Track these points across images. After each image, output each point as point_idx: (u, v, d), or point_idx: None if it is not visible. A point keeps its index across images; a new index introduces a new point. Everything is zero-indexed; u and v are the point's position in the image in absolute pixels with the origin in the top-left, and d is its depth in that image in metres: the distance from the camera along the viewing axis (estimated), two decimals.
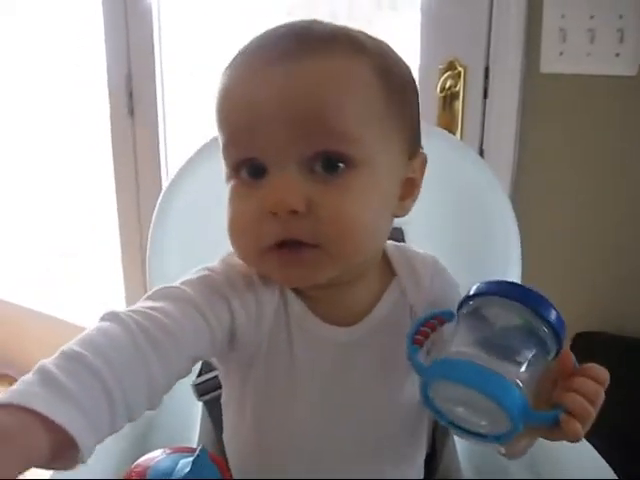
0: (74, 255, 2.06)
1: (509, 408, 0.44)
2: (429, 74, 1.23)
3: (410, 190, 0.55)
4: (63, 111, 1.90)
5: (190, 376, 0.52)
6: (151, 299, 0.48)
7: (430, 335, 0.52)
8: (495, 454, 0.52)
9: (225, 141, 0.51)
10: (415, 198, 0.56)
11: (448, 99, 1.24)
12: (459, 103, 1.23)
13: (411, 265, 0.59)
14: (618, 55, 1.09)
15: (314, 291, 0.55)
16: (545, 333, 0.47)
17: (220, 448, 0.64)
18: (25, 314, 2.06)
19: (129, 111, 1.64)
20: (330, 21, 0.52)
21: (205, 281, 0.51)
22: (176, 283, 0.51)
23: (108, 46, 1.63)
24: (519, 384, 0.45)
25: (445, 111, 1.25)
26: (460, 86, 1.22)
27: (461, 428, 0.49)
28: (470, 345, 0.47)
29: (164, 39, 1.58)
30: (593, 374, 0.47)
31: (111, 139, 1.71)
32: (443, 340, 0.51)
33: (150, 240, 0.84)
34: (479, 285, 0.50)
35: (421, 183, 0.56)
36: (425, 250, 0.62)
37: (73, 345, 0.41)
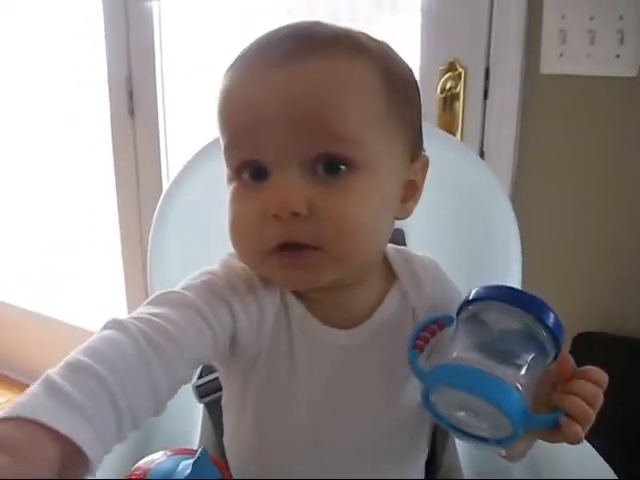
0: (74, 256, 2.06)
1: (509, 411, 0.44)
2: (429, 75, 1.23)
3: (411, 192, 0.55)
4: (63, 111, 1.90)
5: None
6: (153, 304, 0.48)
7: (430, 340, 0.52)
8: (496, 455, 0.52)
9: (226, 143, 0.51)
10: (417, 200, 0.56)
11: (448, 100, 1.24)
12: (459, 104, 1.23)
13: (411, 268, 0.59)
14: (618, 56, 1.09)
15: (315, 294, 0.55)
16: (544, 337, 0.48)
17: (221, 450, 0.64)
18: (24, 315, 2.06)
19: (129, 111, 1.64)
20: (330, 22, 0.52)
21: (206, 285, 0.51)
22: (177, 287, 0.51)
23: (108, 46, 1.63)
24: (519, 387, 0.45)
25: (445, 112, 1.25)
26: (460, 87, 1.22)
27: (462, 432, 0.49)
28: (470, 350, 0.47)
29: (164, 39, 1.58)
30: (592, 377, 0.47)
31: (111, 139, 1.71)
32: (443, 344, 0.51)
33: (151, 242, 0.83)
34: (478, 290, 0.50)
35: (423, 186, 0.56)
36: (426, 251, 0.62)
37: (78, 354, 0.41)
